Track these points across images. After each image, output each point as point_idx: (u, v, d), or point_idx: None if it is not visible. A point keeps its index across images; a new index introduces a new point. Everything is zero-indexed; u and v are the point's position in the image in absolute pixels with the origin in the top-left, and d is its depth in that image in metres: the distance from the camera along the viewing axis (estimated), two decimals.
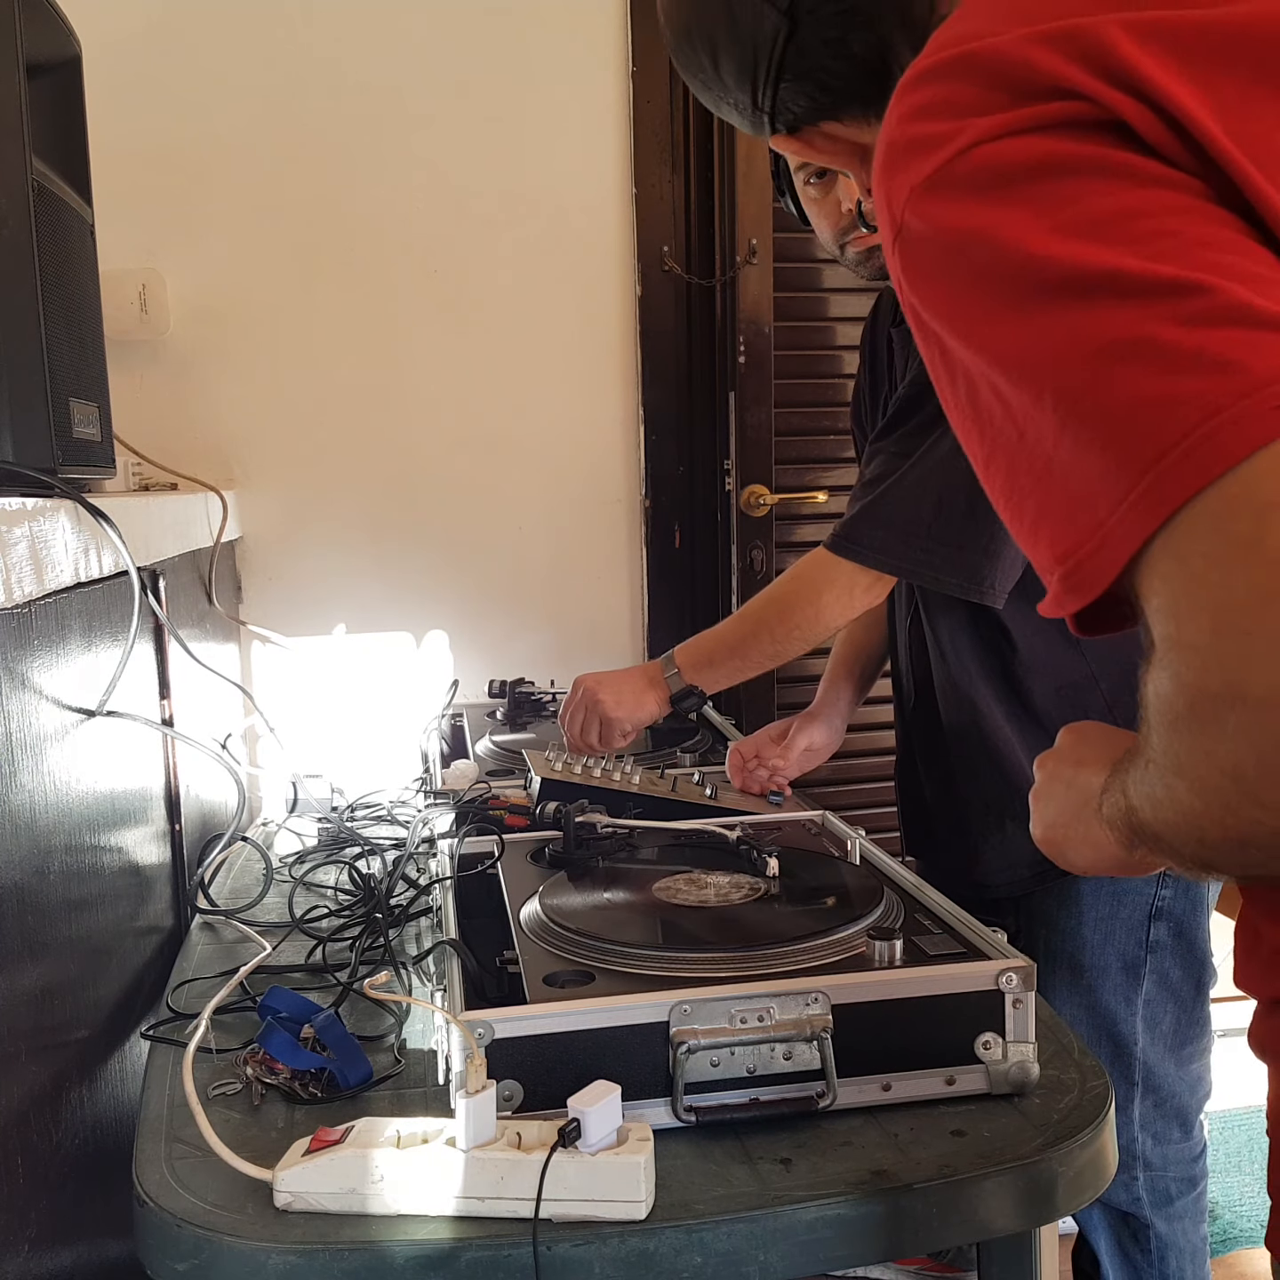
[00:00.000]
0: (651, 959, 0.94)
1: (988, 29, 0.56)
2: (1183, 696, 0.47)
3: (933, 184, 0.55)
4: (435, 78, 2.07)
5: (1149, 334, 0.48)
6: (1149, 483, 0.47)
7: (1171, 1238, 1.43)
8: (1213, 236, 0.50)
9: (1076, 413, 0.50)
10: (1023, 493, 0.54)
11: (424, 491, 2.15)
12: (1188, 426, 0.46)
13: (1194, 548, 0.46)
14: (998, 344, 0.53)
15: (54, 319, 1.08)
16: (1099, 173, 0.51)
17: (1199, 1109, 1.44)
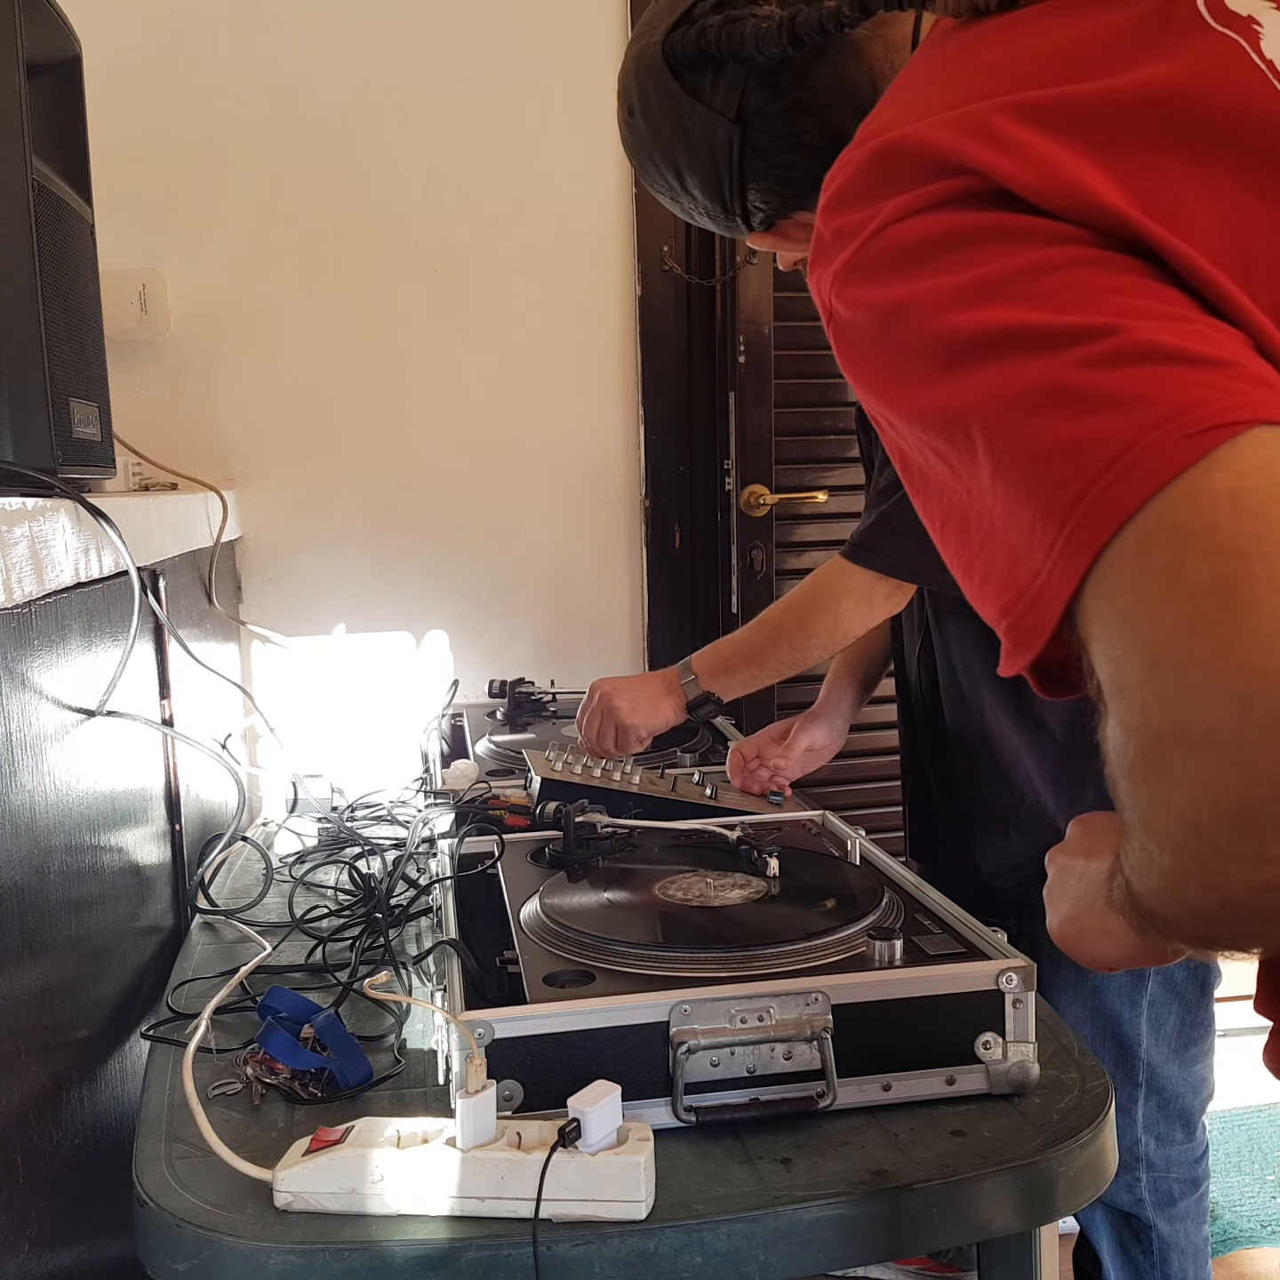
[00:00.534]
0: (651, 959, 0.94)
1: (899, 119, 0.58)
2: (1131, 742, 0.46)
3: (851, 269, 0.58)
4: (435, 78, 2.07)
5: (1058, 380, 0.48)
6: (1072, 526, 0.47)
7: (1174, 1239, 1.43)
8: (1118, 283, 0.50)
9: (1003, 465, 0.50)
10: (973, 551, 0.54)
11: (424, 491, 2.15)
12: (1102, 465, 0.46)
13: (1120, 585, 0.46)
14: (929, 410, 0.54)
15: (54, 319, 1.08)
16: (1000, 237, 0.53)
17: (1202, 1110, 1.44)
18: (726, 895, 1.06)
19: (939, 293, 0.53)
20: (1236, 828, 0.43)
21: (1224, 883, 0.44)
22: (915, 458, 0.57)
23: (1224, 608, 0.42)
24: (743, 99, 0.86)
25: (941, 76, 0.62)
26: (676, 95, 0.89)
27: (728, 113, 0.87)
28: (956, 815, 1.45)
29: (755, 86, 0.86)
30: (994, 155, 0.53)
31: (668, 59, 0.89)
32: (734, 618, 2.24)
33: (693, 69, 0.88)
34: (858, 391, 0.60)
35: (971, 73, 0.60)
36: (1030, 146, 0.53)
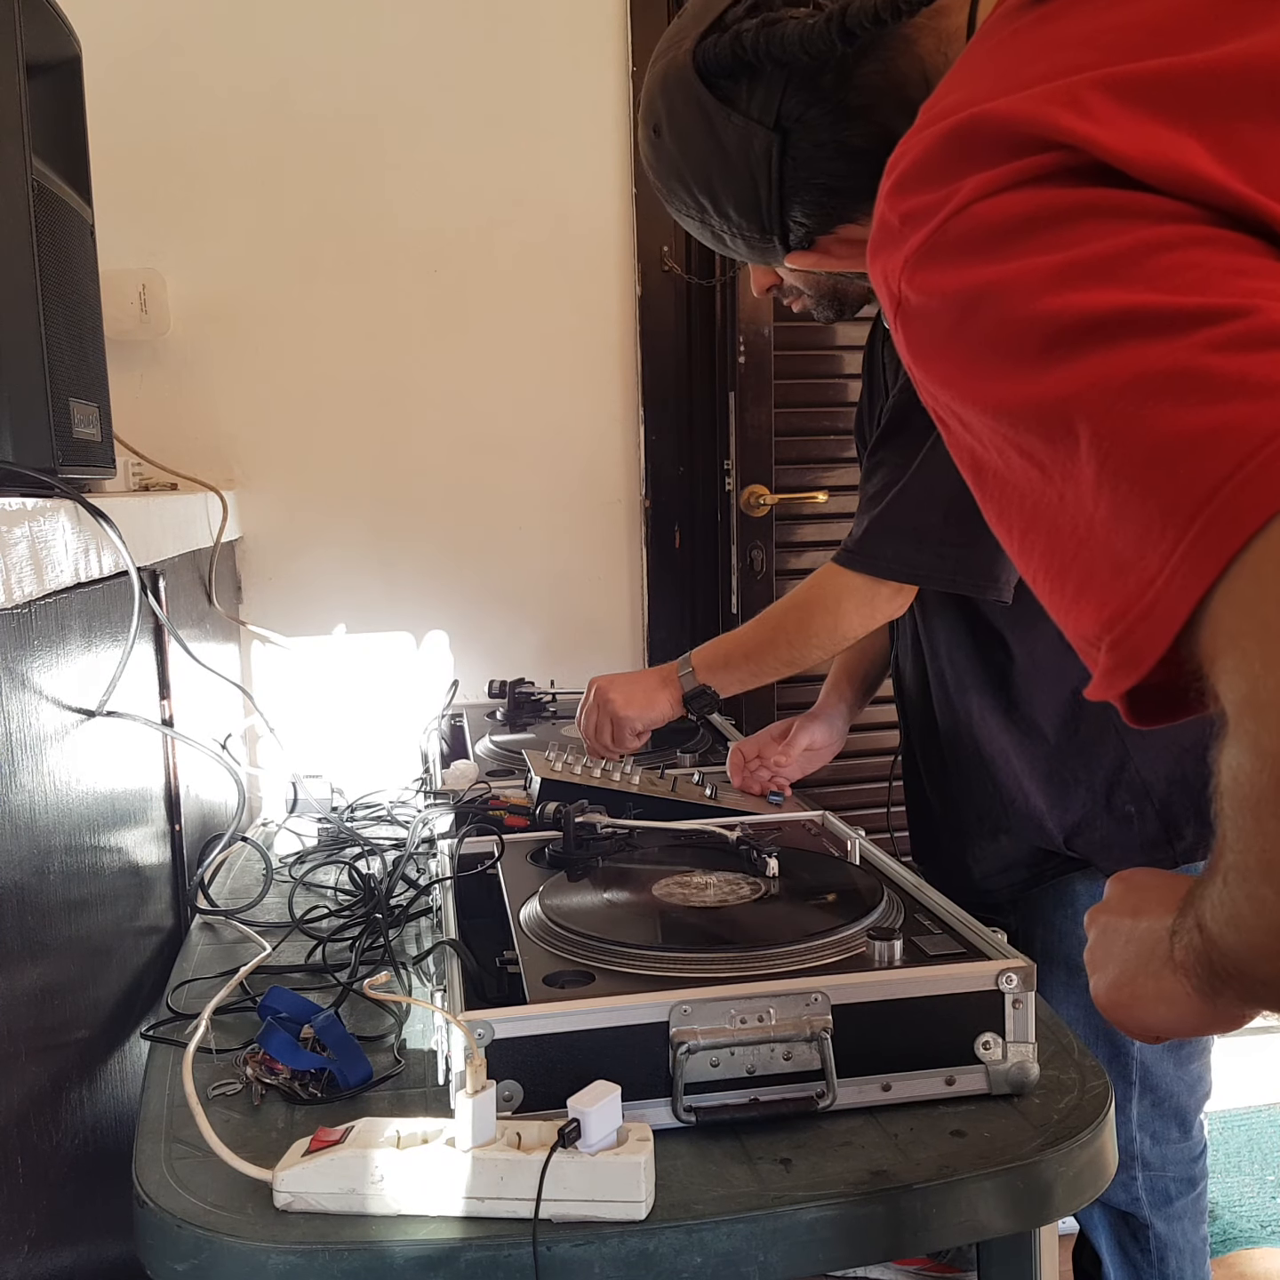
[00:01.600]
0: (651, 959, 0.93)
1: (973, 98, 0.54)
2: (1266, 768, 0.40)
3: (926, 252, 0.53)
4: (435, 78, 2.07)
5: (1182, 365, 0.43)
6: (1200, 527, 0.41)
7: (1171, 1238, 1.43)
8: (1241, 263, 0.46)
9: (1113, 460, 0.45)
10: (1065, 560, 0.48)
11: (424, 491, 2.15)
12: (1238, 459, 0.41)
13: (1262, 593, 0.40)
14: (1020, 404, 0.49)
15: (54, 319, 1.08)
16: (1104, 214, 0.48)
17: (1198, 1109, 1.45)
18: (726, 895, 1.06)
19: (1034, 274, 0.48)
20: None
21: None
22: (993, 459, 0.52)
23: None
24: (782, 105, 0.80)
25: (1015, 54, 0.57)
26: (709, 106, 0.83)
27: (766, 120, 0.81)
28: (948, 817, 1.45)
29: (795, 91, 0.80)
30: (1092, 128, 0.48)
31: (699, 68, 0.83)
32: (734, 618, 2.24)
33: (727, 77, 0.82)
34: (927, 387, 0.55)
35: (1052, 47, 0.54)
36: (1131, 120, 0.48)
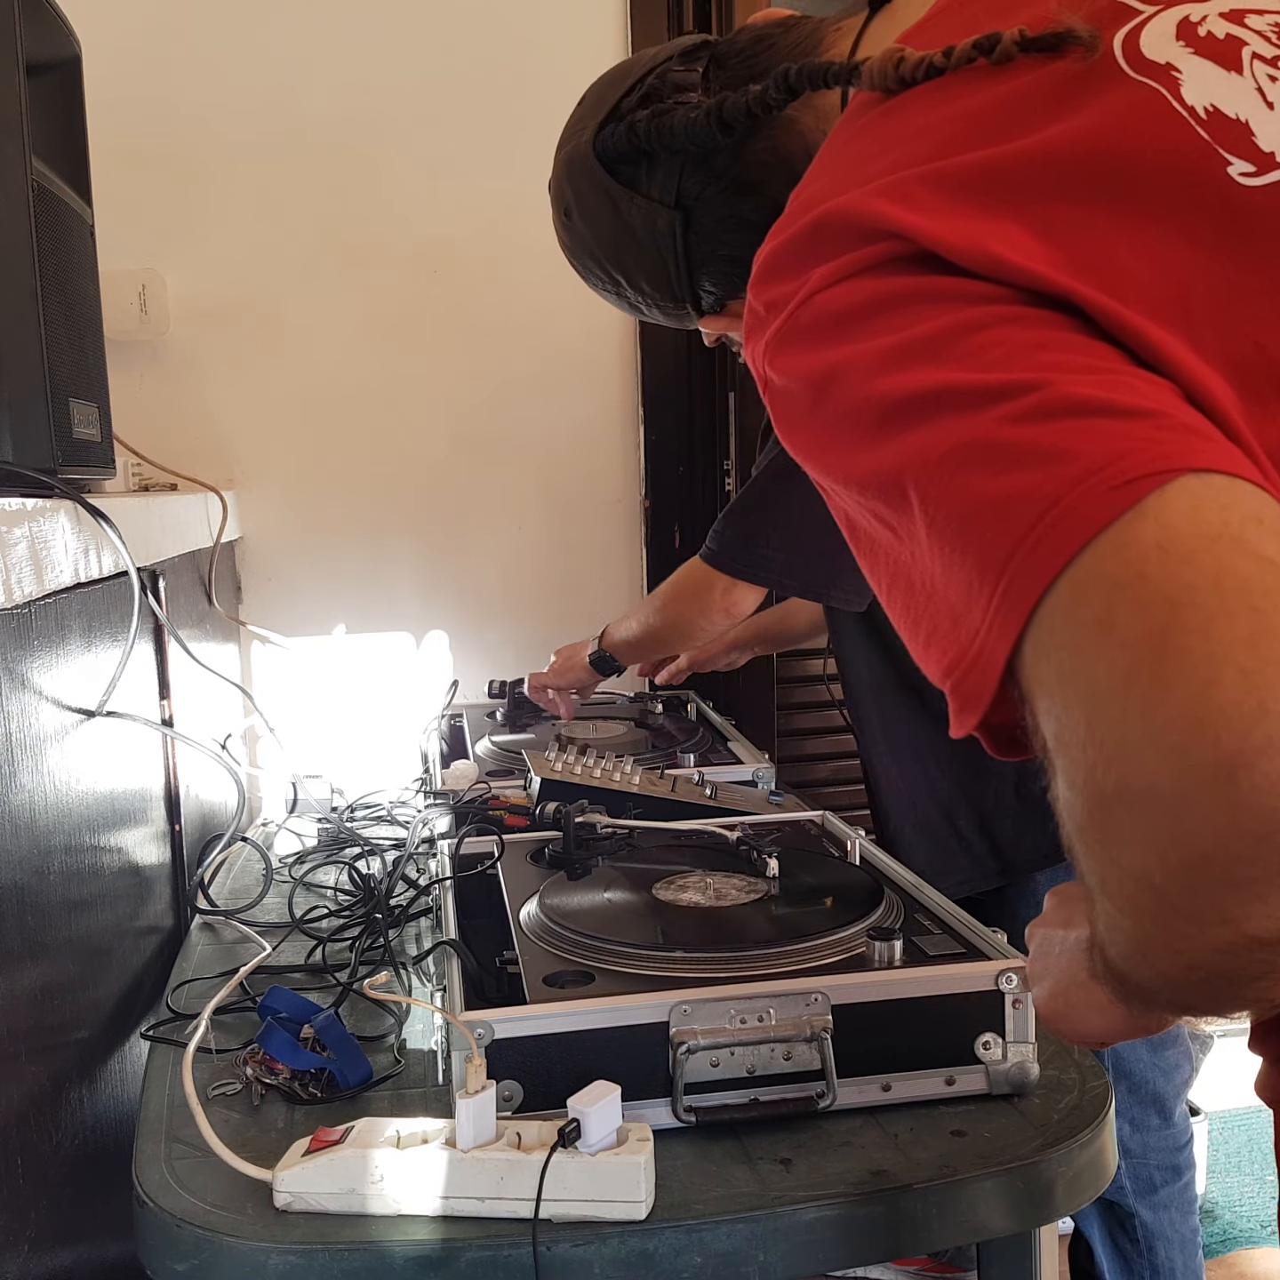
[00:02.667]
0: (651, 959, 0.94)
1: (825, 192, 0.59)
2: (1078, 801, 0.44)
3: (782, 338, 0.58)
4: (435, 77, 2.07)
5: (983, 437, 0.48)
6: (1005, 584, 0.46)
7: (1158, 1227, 1.44)
8: (1043, 338, 0.50)
9: (936, 524, 0.49)
10: (918, 612, 0.53)
11: (424, 491, 2.15)
12: (1030, 521, 0.45)
13: (1054, 640, 0.45)
14: (864, 475, 0.54)
15: (54, 319, 1.08)
16: (926, 299, 0.53)
17: (1177, 1096, 1.46)
18: (726, 895, 1.06)
19: (867, 357, 0.53)
20: (1188, 886, 0.41)
21: (1187, 945, 0.43)
22: (861, 522, 0.56)
23: (1156, 658, 0.41)
24: (680, 185, 0.86)
25: (864, 147, 0.63)
26: (613, 190, 0.89)
27: (667, 200, 0.87)
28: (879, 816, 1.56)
29: (691, 172, 0.86)
30: (918, 218, 0.53)
31: (600, 157, 0.89)
32: None
33: (626, 163, 0.88)
34: (797, 458, 0.60)
35: (893, 142, 0.60)
36: (952, 210, 0.53)
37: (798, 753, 2.29)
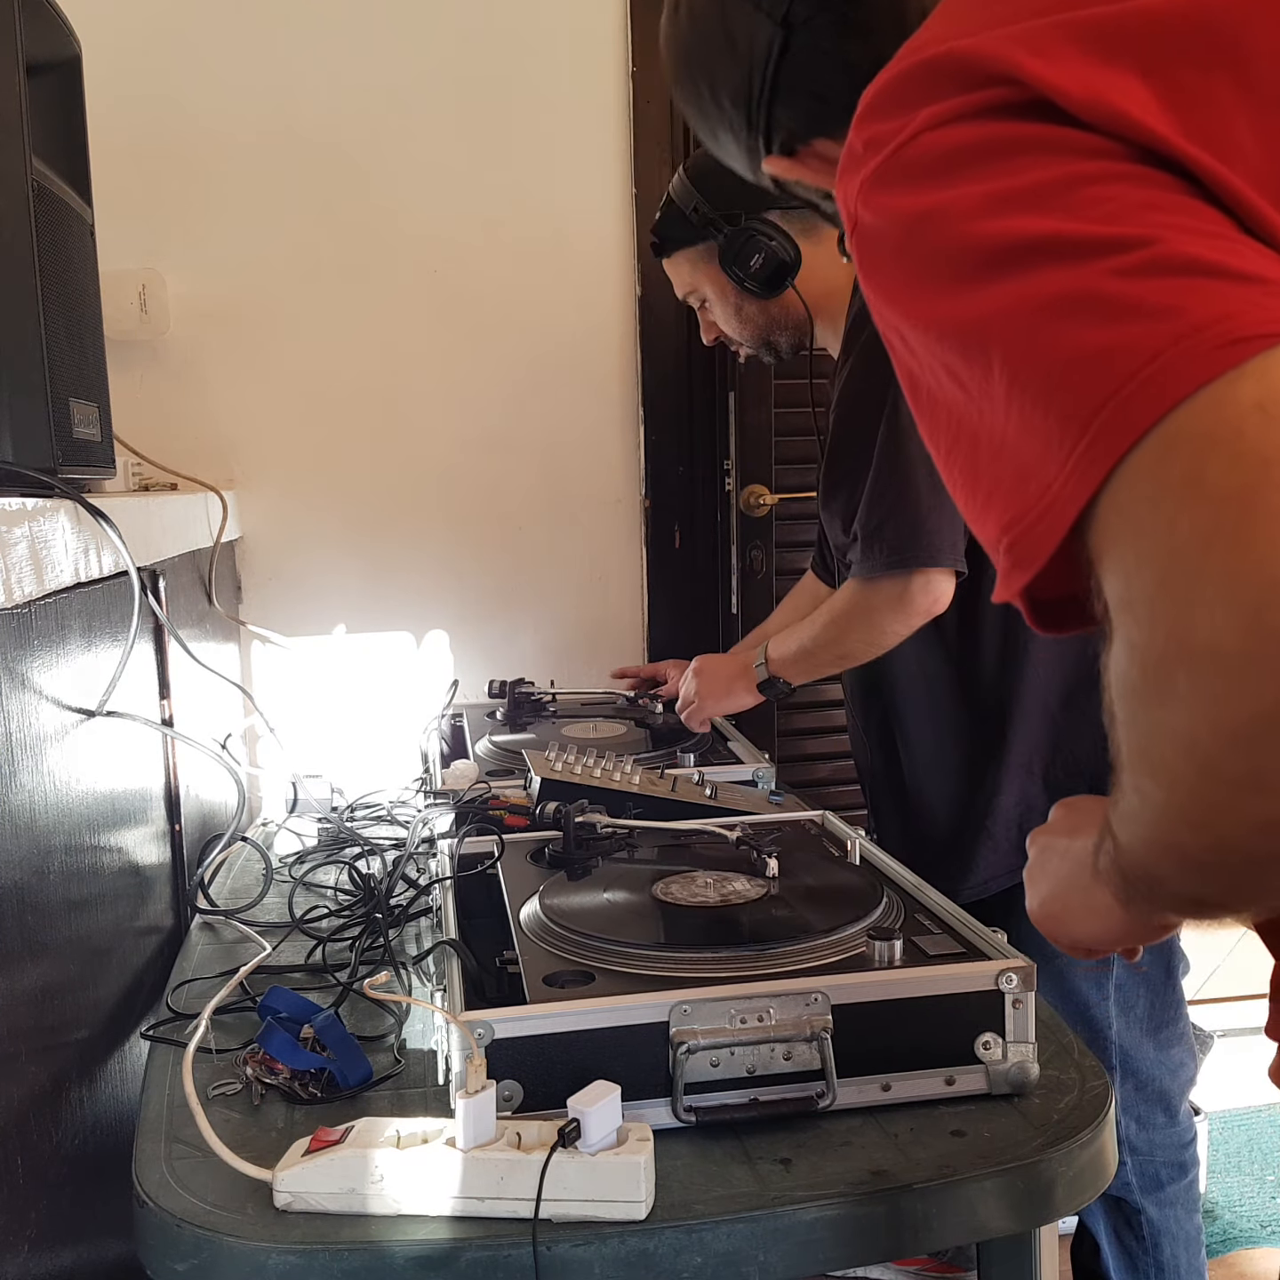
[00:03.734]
0: (651, 959, 0.93)
1: (943, 36, 0.57)
2: (1135, 663, 0.44)
3: (880, 175, 0.56)
4: (435, 77, 2.07)
5: (1088, 288, 0.47)
6: (1091, 436, 0.45)
7: (1164, 1224, 1.45)
8: (1155, 198, 0.49)
9: (1021, 377, 0.48)
10: (980, 472, 0.52)
11: (424, 491, 2.15)
12: (1126, 374, 0.44)
13: (1136, 495, 0.44)
14: (948, 321, 0.52)
15: (54, 319, 1.08)
16: (1037, 149, 0.51)
17: (1182, 1094, 1.47)
18: (726, 895, 1.06)
19: (969, 201, 0.52)
20: (1235, 750, 0.41)
21: (1217, 818, 0.43)
22: (925, 378, 0.55)
23: (1243, 515, 0.40)
24: (793, 4, 0.83)
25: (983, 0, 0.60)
26: None
27: (775, 16, 0.84)
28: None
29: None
30: (1043, 67, 0.52)
31: None
32: (734, 618, 2.24)
33: None
34: (876, 305, 0.58)
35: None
36: (1079, 62, 0.52)
37: (798, 753, 2.29)
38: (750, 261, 1.51)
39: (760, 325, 1.62)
